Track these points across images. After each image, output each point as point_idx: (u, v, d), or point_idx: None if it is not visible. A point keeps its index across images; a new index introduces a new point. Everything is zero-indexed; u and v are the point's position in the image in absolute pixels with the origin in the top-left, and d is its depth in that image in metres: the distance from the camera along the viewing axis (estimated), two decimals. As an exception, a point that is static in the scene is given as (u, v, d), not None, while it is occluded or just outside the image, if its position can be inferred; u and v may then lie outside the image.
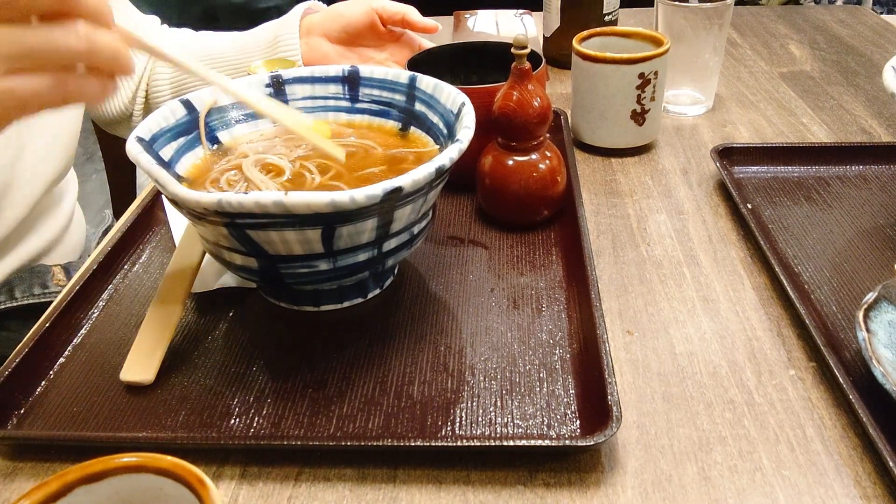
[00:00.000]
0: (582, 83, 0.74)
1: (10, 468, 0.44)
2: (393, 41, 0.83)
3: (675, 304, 0.55)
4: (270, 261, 0.47)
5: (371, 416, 0.45)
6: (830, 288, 0.55)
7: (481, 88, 0.61)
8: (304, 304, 0.55)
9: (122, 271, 0.60)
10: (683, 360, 0.50)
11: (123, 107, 0.85)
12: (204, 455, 0.44)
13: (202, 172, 0.54)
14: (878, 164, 0.70)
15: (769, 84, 0.91)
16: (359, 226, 0.45)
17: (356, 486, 0.42)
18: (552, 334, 0.51)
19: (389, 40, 0.83)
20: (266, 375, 0.49)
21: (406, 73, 0.59)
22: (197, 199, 0.42)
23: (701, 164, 0.73)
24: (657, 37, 0.74)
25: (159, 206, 0.68)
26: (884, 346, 0.45)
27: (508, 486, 0.42)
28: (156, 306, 0.52)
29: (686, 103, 0.84)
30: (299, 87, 0.60)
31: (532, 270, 0.58)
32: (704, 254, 0.60)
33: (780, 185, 0.68)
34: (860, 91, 0.88)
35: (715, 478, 0.42)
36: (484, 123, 0.56)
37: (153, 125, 0.52)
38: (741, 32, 1.10)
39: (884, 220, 0.63)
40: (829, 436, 0.44)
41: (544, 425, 0.44)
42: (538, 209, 0.62)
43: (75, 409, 0.47)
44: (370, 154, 0.56)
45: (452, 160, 0.46)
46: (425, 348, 0.51)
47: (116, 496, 0.32)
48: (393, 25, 0.81)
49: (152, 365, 0.49)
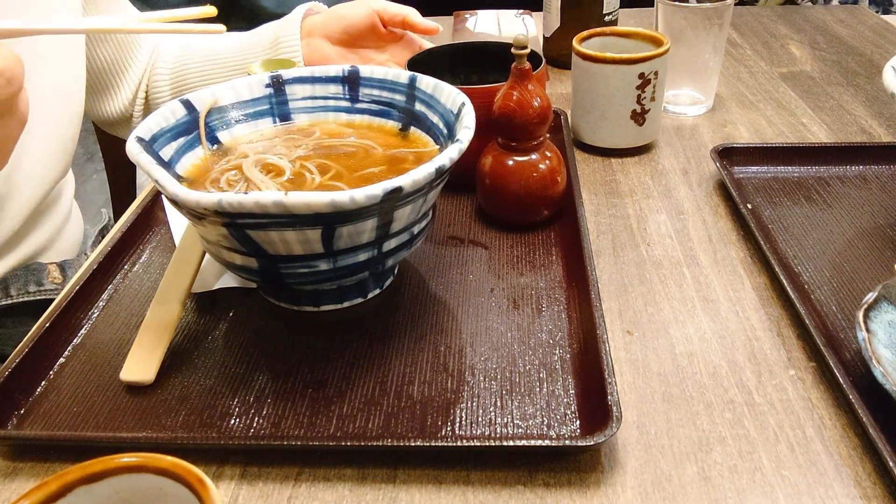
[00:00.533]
0: (582, 83, 0.74)
1: (10, 468, 0.44)
2: (394, 42, 0.83)
3: (675, 304, 0.55)
4: (270, 261, 0.47)
5: (371, 416, 0.45)
6: (830, 288, 0.55)
7: (481, 88, 0.61)
8: (304, 304, 0.55)
9: (122, 271, 0.60)
10: (683, 360, 0.50)
11: (123, 108, 0.85)
12: (204, 455, 0.44)
13: (202, 172, 0.55)
14: (878, 164, 0.70)
15: (769, 84, 0.91)
16: (359, 226, 0.45)
17: (356, 486, 0.42)
18: (552, 334, 0.51)
19: (390, 41, 0.83)
20: (266, 375, 0.49)
21: (406, 73, 0.59)
22: (197, 199, 0.42)
23: (701, 164, 0.73)
24: (657, 37, 0.74)
25: (159, 206, 0.68)
26: (884, 346, 0.45)
27: (508, 486, 0.42)
28: (156, 306, 0.52)
29: (686, 103, 0.84)
30: (299, 87, 0.60)
31: (532, 270, 0.58)
32: (704, 254, 0.60)
33: (780, 185, 0.68)
34: (860, 91, 0.88)
35: (715, 478, 0.42)
36: (484, 123, 0.56)
37: (153, 125, 0.52)
38: (741, 32, 1.10)
39: (884, 220, 0.63)
40: (829, 436, 0.44)
41: (544, 425, 0.44)
42: (538, 209, 0.62)
43: (75, 409, 0.47)
44: (370, 154, 0.56)
45: (452, 160, 0.46)
46: (425, 348, 0.51)
47: (116, 496, 0.32)
48: (394, 27, 0.81)
49: (152, 365, 0.49)
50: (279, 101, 0.60)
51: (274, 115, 0.60)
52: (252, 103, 0.59)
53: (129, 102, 0.86)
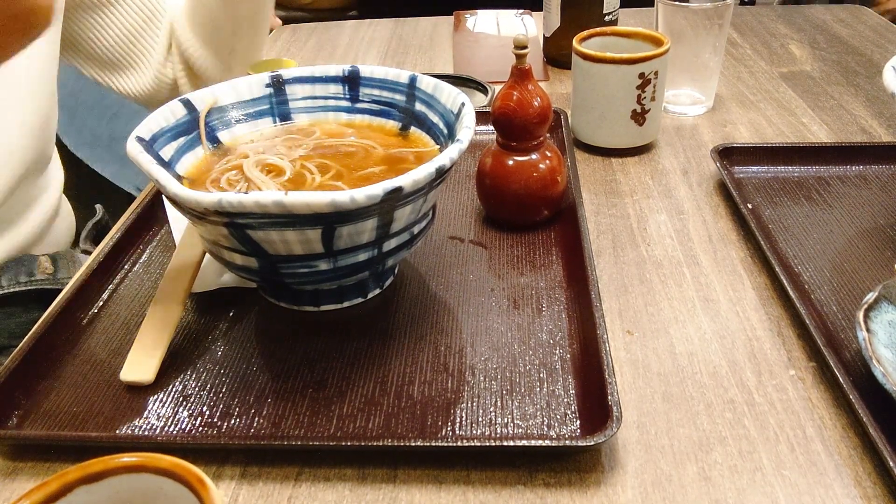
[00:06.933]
0: (582, 83, 0.74)
1: (10, 468, 0.44)
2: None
3: (675, 304, 0.55)
4: (270, 261, 0.47)
5: (371, 416, 0.45)
6: (830, 288, 0.55)
7: None
8: (304, 304, 0.55)
9: (122, 271, 0.60)
10: (683, 360, 0.50)
11: (154, 80, 0.83)
12: (204, 455, 0.44)
13: (202, 172, 0.55)
14: (878, 164, 0.70)
15: (769, 84, 0.91)
16: (359, 226, 0.45)
17: (356, 486, 0.42)
18: (552, 334, 0.51)
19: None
20: (266, 375, 0.49)
21: (406, 72, 0.59)
22: (197, 199, 0.42)
23: (701, 164, 0.73)
24: (657, 37, 0.74)
25: (159, 206, 0.68)
26: (884, 346, 0.45)
27: (508, 486, 0.42)
28: (156, 306, 0.52)
29: (686, 103, 0.84)
30: (299, 87, 0.60)
31: (532, 270, 0.58)
32: (704, 254, 0.60)
33: (780, 185, 0.68)
34: (860, 91, 0.88)
35: (715, 478, 0.42)
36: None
37: (153, 125, 0.52)
38: (741, 32, 1.10)
39: (884, 220, 0.63)
40: (829, 436, 0.44)
41: (544, 425, 0.44)
42: (538, 209, 0.62)
43: (75, 409, 0.47)
44: (370, 154, 0.56)
45: (453, 160, 0.46)
46: (425, 348, 0.51)
47: (116, 496, 0.32)
48: None
49: (152, 365, 0.49)
50: (279, 100, 0.60)
51: (274, 114, 0.60)
52: (252, 103, 0.59)
53: (159, 72, 0.83)
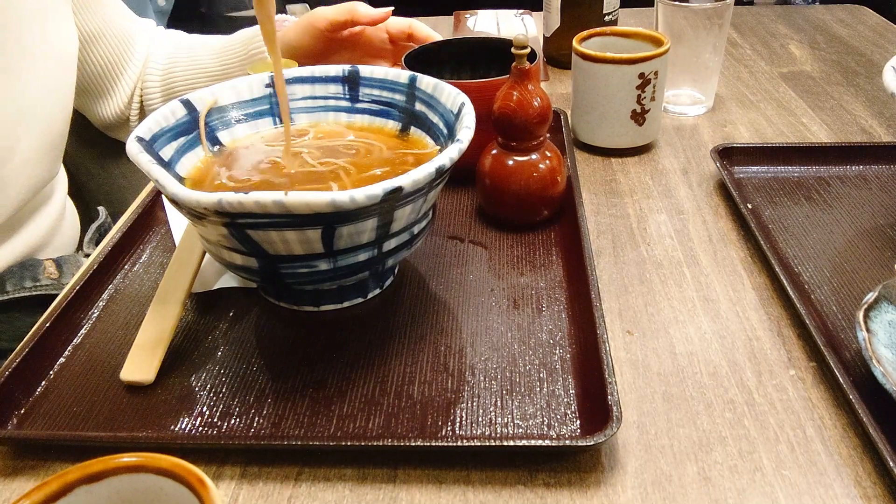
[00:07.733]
0: (582, 83, 0.74)
1: (10, 468, 0.44)
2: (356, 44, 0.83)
3: (675, 304, 0.55)
4: (270, 261, 0.47)
5: (371, 416, 0.45)
6: (830, 288, 0.55)
7: (480, 83, 0.61)
8: (304, 304, 0.55)
9: (122, 271, 0.60)
10: (683, 360, 0.50)
11: (119, 111, 0.86)
12: (204, 455, 0.44)
13: (202, 173, 0.55)
14: (878, 164, 0.70)
15: (769, 84, 0.91)
16: (359, 226, 0.45)
17: (356, 486, 0.42)
18: (552, 334, 0.51)
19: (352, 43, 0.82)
20: (266, 375, 0.49)
21: (406, 72, 0.59)
22: (197, 198, 0.42)
23: (701, 164, 0.73)
24: (657, 37, 0.74)
25: (159, 206, 0.68)
26: (884, 346, 0.45)
27: (508, 486, 0.42)
28: (156, 306, 0.52)
29: (686, 103, 0.84)
30: (299, 87, 0.60)
31: (532, 270, 0.58)
32: (704, 254, 0.60)
33: (780, 185, 0.68)
34: (860, 91, 0.88)
35: (715, 478, 0.42)
36: (482, 118, 0.56)
37: (153, 125, 0.52)
38: (741, 32, 1.10)
39: (884, 220, 0.63)
40: (829, 436, 0.44)
41: (544, 425, 0.44)
42: (538, 209, 0.62)
43: (75, 409, 0.47)
44: (370, 154, 0.56)
45: (453, 160, 0.46)
46: (425, 348, 0.51)
47: (116, 496, 0.32)
48: (401, 40, 0.82)
49: (152, 365, 0.49)
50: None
51: (274, 114, 0.60)
52: (252, 103, 0.59)
53: (125, 105, 0.86)
